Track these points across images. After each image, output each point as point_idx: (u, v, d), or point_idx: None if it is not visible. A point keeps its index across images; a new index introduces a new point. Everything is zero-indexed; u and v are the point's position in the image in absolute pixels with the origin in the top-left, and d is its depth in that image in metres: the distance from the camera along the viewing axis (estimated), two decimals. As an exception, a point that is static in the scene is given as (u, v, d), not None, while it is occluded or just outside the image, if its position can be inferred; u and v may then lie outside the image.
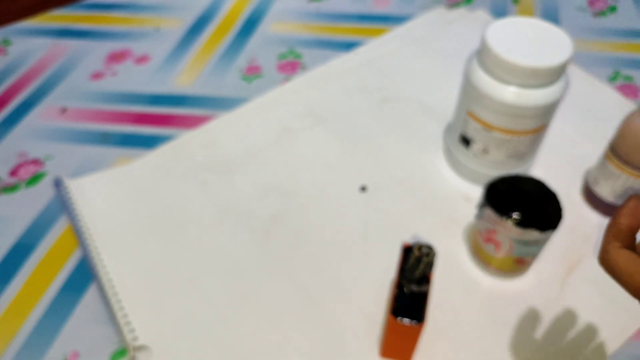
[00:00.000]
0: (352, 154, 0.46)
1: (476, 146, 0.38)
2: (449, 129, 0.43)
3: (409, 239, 0.39)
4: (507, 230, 0.32)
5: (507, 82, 0.34)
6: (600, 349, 0.33)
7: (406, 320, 0.27)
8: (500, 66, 0.33)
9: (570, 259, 0.37)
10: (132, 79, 0.56)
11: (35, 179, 0.46)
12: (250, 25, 0.63)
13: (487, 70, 0.35)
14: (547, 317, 0.35)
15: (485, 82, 0.35)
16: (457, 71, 0.53)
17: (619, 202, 0.38)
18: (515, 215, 0.31)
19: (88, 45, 0.62)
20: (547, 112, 0.35)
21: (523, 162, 0.39)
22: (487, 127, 0.36)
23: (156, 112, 0.52)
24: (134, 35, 0.63)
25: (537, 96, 0.34)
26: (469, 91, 0.36)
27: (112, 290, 0.36)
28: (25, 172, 0.47)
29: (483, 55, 0.34)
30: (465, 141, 0.39)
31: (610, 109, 0.49)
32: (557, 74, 0.33)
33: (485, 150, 0.38)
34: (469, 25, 0.59)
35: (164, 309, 0.36)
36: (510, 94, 0.34)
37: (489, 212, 0.32)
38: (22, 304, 0.37)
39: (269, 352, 0.34)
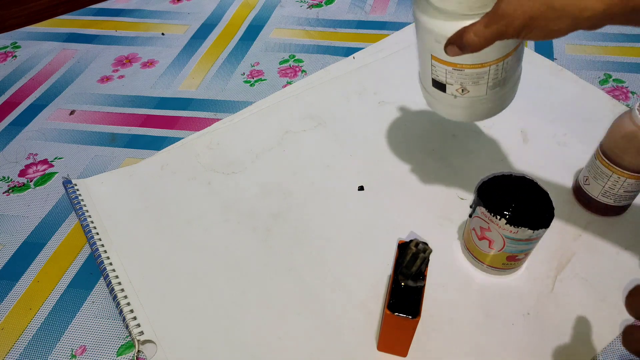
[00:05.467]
0: (350, 155, 0.47)
1: (452, 87, 0.34)
2: (420, 76, 0.38)
3: (405, 237, 0.40)
4: (500, 228, 0.32)
5: (458, 16, 0.30)
6: (590, 345, 0.34)
7: (402, 315, 0.28)
8: None
9: (561, 257, 0.38)
10: (139, 82, 0.58)
11: (44, 179, 0.47)
12: (253, 31, 0.64)
13: (435, 9, 0.30)
14: (539, 312, 0.35)
15: (438, 24, 0.30)
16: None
17: (609, 201, 0.39)
18: (507, 213, 0.32)
19: (96, 49, 0.63)
20: None
21: (508, 87, 0.34)
22: (457, 67, 0.33)
23: (162, 115, 0.53)
24: (141, 41, 0.64)
25: None
26: (425, 38, 0.32)
27: (119, 286, 0.38)
28: (35, 173, 0.48)
29: None
30: (440, 86, 0.35)
31: (600, 111, 0.50)
32: None
33: (463, 89, 0.34)
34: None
35: (169, 304, 0.37)
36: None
37: (483, 211, 0.33)
38: (31, 300, 0.38)
39: (270, 345, 0.34)
